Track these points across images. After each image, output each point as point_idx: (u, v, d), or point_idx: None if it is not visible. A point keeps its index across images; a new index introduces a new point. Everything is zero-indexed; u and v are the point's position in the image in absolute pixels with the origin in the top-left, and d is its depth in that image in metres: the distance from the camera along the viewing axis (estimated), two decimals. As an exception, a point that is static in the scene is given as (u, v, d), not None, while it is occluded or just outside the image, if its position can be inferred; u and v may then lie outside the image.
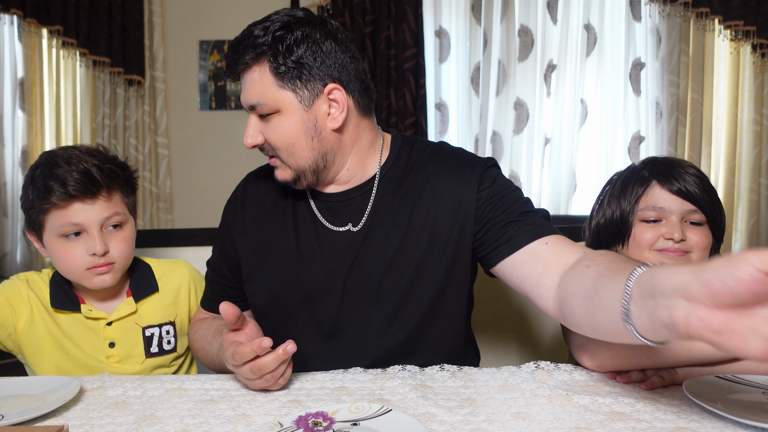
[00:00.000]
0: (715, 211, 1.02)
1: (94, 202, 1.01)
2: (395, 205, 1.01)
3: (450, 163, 1.03)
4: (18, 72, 3.15)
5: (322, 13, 3.16)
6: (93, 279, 1.03)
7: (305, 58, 0.94)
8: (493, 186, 1.01)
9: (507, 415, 0.74)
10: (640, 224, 1.05)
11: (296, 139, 0.96)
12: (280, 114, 0.95)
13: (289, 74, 0.94)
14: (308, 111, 0.96)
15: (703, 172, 1.06)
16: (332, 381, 0.88)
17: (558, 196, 3.14)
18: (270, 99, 0.94)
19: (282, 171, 1.00)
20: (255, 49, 0.93)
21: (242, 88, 0.98)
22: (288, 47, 0.93)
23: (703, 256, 1.02)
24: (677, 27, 2.99)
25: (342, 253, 1.01)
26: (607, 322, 0.68)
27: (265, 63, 0.94)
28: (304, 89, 0.95)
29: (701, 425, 0.70)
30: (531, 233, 0.95)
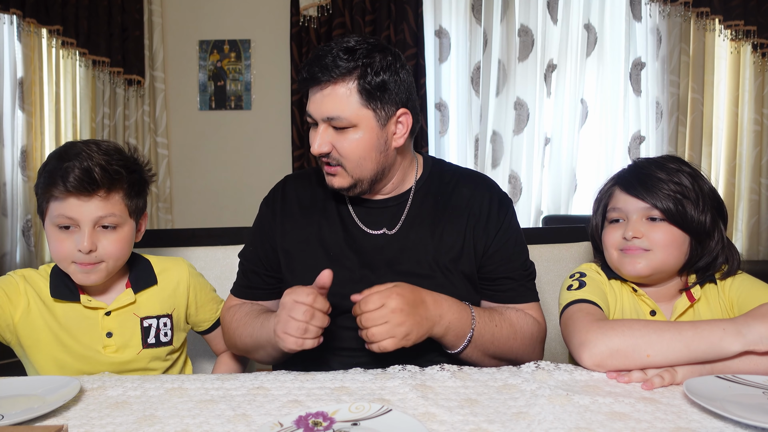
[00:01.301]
0: (681, 209, 1.00)
1: (90, 200, 1.02)
2: (430, 216, 1.13)
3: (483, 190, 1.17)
4: (18, 72, 3.14)
5: (322, 13, 3.16)
6: (78, 274, 1.05)
7: (389, 83, 1.05)
8: (507, 233, 1.15)
9: (507, 415, 0.74)
10: (607, 226, 1.09)
11: (368, 153, 1.06)
12: (356, 129, 1.04)
13: (374, 95, 1.04)
14: (382, 130, 1.07)
15: (691, 170, 1.04)
16: (332, 381, 0.88)
17: (558, 196, 3.14)
18: (352, 115, 1.03)
19: (341, 179, 1.08)
20: (347, 64, 1.02)
21: (316, 99, 1.05)
22: (376, 71, 1.04)
23: (668, 253, 1.02)
24: (677, 27, 2.99)
25: (377, 254, 1.11)
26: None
27: (354, 81, 1.03)
28: (382, 110, 1.06)
29: (701, 425, 0.70)
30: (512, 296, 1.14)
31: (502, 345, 1.05)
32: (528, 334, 1.08)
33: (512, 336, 1.06)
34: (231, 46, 3.28)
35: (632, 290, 1.08)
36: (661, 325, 0.87)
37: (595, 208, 1.14)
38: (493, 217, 1.14)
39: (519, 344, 1.07)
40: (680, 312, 1.04)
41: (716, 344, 0.83)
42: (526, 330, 1.08)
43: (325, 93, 1.04)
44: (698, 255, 1.04)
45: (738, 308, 1.01)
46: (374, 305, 0.91)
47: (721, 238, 1.04)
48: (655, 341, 0.85)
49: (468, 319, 1.01)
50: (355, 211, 1.16)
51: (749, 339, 0.83)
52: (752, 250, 3.02)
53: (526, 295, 1.14)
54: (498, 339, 1.04)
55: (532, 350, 1.10)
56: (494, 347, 1.05)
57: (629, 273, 1.04)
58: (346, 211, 1.16)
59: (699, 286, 1.06)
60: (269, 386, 0.86)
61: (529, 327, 1.09)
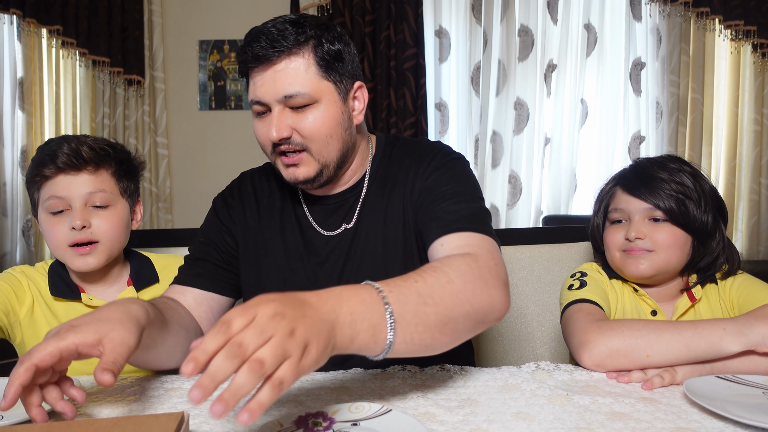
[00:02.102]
0: (683, 209, 1.01)
1: (78, 175, 1.04)
2: (381, 202, 1.05)
3: (418, 154, 1.05)
4: (18, 72, 3.15)
5: (322, 13, 3.16)
6: (75, 260, 1.04)
7: (344, 53, 0.98)
8: (432, 176, 1.01)
9: (507, 415, 0.74)
10: (609, 227, 1.09)
11: (334, 130, 0.97)
12: (319, 105, 0.95)
13: (332, 65, 0.95)
14: (345, 104, 0.99)
15: (692, 170, 1.04)
16: (332, 381, 0.88)
17: (558, 196, 3.14)
18: (313, 88, 0.93)
19: (306, 168, 0.98)
20: (298, 36, 0.92)
21: (266, 79, 0.93)
22: (330, 40, 0.95)
23: (670, 254, 1.02)
24: (677, 27, 2.99)
25: (336, 254, 1.04)
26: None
27: (310, 52, 0.94)
28: (341, 83, 0.97)
29: (701, 425, 0.69)
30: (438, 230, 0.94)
31: (440, 299, 0.74)
32: (465, 270, 0.79)
33: (445, 281, 0.76)
34: (231, 46, 3.28)
35: (633, 290, 1.08)
36: (660, 325, 0.87)
37: (597, 208, 1.14)
38: (421, 171, 1.02)
39: (462, 287, 0.76)
40: (681, 312, 1.04)
41: (716, 344, 0.83)
42: (460, 268, 0.79)
43: (278, 69, 0.92)
44: (700, 255, 1.04)
45: (738, 308, 1.01)
46: (241, 322, 0.57)
47: (722, 238, 1.05)
48: (654, 341, 0.85)
49: (372, 293, 0.69)
50: (311, 212, 1.08)
51: (750, 339, 0.83)
52: (752, 250, 3.02)
53: (452, 225, 0.92)
54: (431, 294, 0.73)
55: (485, 285, 0.79)
56: (433, 308, 0.73)
57: (632, 274, 1.04)
58: (302, 213, 1.08)
59: (700, 286, 1.06)
60: (269, 386, 0.86)
61: (463, 262, 0.81)
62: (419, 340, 0.71)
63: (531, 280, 1.48)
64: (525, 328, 1.46)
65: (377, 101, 3.12)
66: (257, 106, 0.96)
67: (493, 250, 0.89)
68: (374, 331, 0.67)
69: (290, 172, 0.99)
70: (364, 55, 3.13)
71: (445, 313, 0.74)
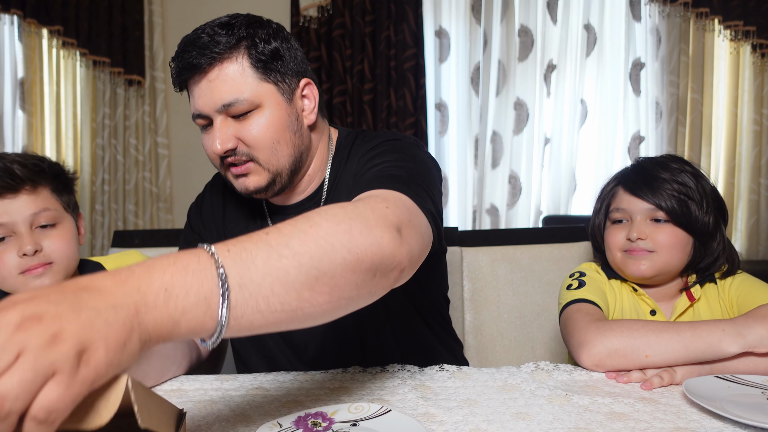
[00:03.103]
0: (685, 210, 1.01)
1: (17, 197, 0.96)
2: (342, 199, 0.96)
3: (367, 149, 0.96)
4: (18, 72, 3.15)
5: (322, 13, 3.16)
6: (30, 284, 0.97)
7: (282, 50, 0.92)
8: (365, 158, 0.92)
9: (506, 416, 0.74)
10: (610, 227, 1.08)
11: (282, 135, 0.91)
12: (261, 110, 0.89)
13: (270, 66, 0.90)
14: (290, 105, 0.93)
15: (693, 170, 1.04)
16: (332, 381, 0.88)
17: (558, 196, 3.14)
18: (252, 93, 0.88)
19: (256, 177, 0.92)
20: (229, 39, 0.87)
21: (202, 90, 0.89)
22: (265, 39, 0.90)
23: (672, 255, 1.02)
24: (677, 27, 2.99)
25: None
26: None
27: (243, 55, 0.88)
28: (283, 82, 0.92)
29: (701, 425, 0.70)
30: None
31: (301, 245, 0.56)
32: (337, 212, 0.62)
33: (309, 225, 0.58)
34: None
35: (632, 290, 1.08)
36: (659, 326, 0.87)
37: (598, 207, 1.14)
38: (366, 155, 0.93)
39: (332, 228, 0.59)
40: (680, 311, 1.04)
41: (715, 345, 0.83)
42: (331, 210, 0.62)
43: (211, 78, 0.87)
44: (701, 256, 1.04)
45: (738, 308, 1.01)
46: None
47: (723, 238, 1.05)
48: (653, 342, 0.85)
49: (201, 256, 0.52)
50: (273, 223, 1.03)
51: (749, 340, 0.83)
52: (752, 250, 3.02)
53: (368, 184, 0.78)
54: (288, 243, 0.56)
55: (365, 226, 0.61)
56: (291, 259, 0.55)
57: (633, 274, 1.04)
58: (266, 225, 1.03)
59: (699, 285, 1.06)
60: (268, 387, 0.86)
61: (336, 206, 0.64)
62: (279, 304, 0.54)
63: (531, 280, 1.48)
64: (525, 328, 1.47)
65: (377, 101, 3.13)
66: (199, 119, 0.91)
67: (396, 200, 0.72)
68: (207, 305, 0.50)
69: (240, 183, 0.94)
70: (364, 55, 3.13)
71: (312, 263, 0.56)
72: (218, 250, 0.52)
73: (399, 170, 0.82)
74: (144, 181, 3.30)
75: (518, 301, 1.47)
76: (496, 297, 1.46)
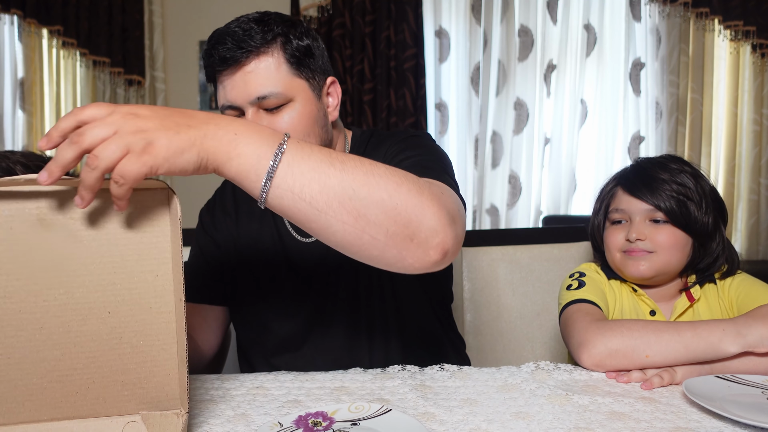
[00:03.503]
0: (684, 210, 1.01)
1: None
2: None
3: (386, 145, 1.01)
4: (18, 72, 3.15)
5: (322, 13, 3.16)
6: None
7: (313, 48, 0.95)
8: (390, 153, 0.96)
9: (507, 415, 0.74)
10: (610, 227, 1.08)
11: (311, 129, 0.94)
12: (293, 104, 0.92)
13: (302, 62, 0.92)
14: (319, 101, 0.96)
15: (692, 170, 1.04)
16: (332, 381, 0.88)
17: (558, 196, 3.14)
18: (286, 87, 0.90)
19: None
20: (265, 35, 0.89)
21: (236, 82, 0.90)
22: (298, 36, 0.93)
23: (671, 255, 1.02)
24: (677, 27, 2.99)
25: (313, 260, 1.03)
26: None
27: (279, 50, 0.91)
28: (314, 79, 0.94)
29: (701, 425, 0.70)
30: None
31: (352, 168, 0.63)
32: (398, 172, 0.67)
33: (369, 163, 0.65)
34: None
35: (632, 290, 1.08)
36: (660, 326, 0.87)
37: (597, 208, 1.14)
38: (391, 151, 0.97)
39: (385, 175, 0.65)
40: (680, 312, 1.04)
41: (715, 345, 0.84)
42: (392, 169, 0.67)
43: (248, 71, 0.89)
44: (700, 256, 1.04)
45: (738, 308, 1.01)
46: (94, 112, 0.56)
47: (722, 239, 1.05)
48: (653, 342, 0.85)
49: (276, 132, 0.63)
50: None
51: (749, 340, 0.83)
52: (752, 250, 3.02)
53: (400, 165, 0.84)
54: (342, 162, 0.64)
55: (417, 191, 0.66)
56: (339, 171, 0.63)
57: (632, 275, 1.04)
58: (281, 220, 1.07)
59: (699, 286, 1.06)
60: (269, 386, 0.86)
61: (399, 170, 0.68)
62: (310, 197, 0.61)
63: (531, 280, 1.48)
64: (525, 328, 1.47)
65: (377, 101, 3.13)
66: (229, 110, 0.92)
67: (444, 190, 0.76)
68: (258, 159, 0.60)
69: None
70: (364, 55, 3.13)
71: (352, 185, 0.62)
72: (291, 137, 0.63)
73: (433, 163, 0.88)
74: (144, 181, 3.30)
75: (518, 301, 1.47)
76: (496, 297, 1.46)
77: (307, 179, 0.61)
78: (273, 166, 0.60)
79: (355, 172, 0.63)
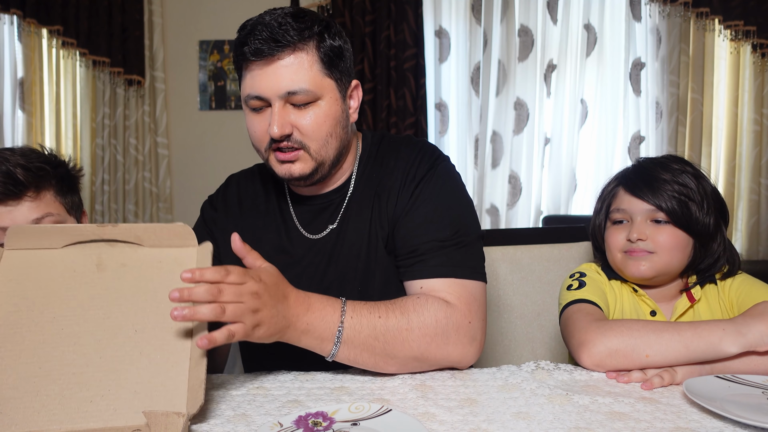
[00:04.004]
0: (685, 211, 1.00)
1: (19, 204, 0.95)
2: (367, 204, 1.02)
3: (404, 160, 1.02)
4: (18, 72, 3.15)
5: (322, 13, 3.16)
6: None
7: (344, 50, 0.97)
8: (418, 199, 0.98)
9: (507, 415, 0.74)
10: (611, 227, 1.08)
11: (334, 128, 0.95)
12: (320, 102, 0.93)
13: (334, 62, 0.94)
14: (344, 102, 0.98)
15: (694, 170, 1.04)
16: (332, 381, 0.88)
17: (558, 196, 3.14)
18: (317, 85, 0.91)
19: (302, 164, 0.95)
20: (303, 31, 0.90)
21: (269, 74, 0.90)
22: (333, 36, 0.94)
23: (672, 256, 1.01)
24: (677, 27, 2.99)
25: (320, 256, 1.03)
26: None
27: (314, 47, 0.91)
28: (341, 80, 0.96)
29: (701, 425, 0.70)
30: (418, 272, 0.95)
31: (392, 340, 0.85)
32: (430, 324, 0.87)
33: (405, 327, 0.86)
34: (231, 46, 3.28)
35: (632, 290, 1.08)
36: (660, 326, 0.87)
37: (598, 207, 1.13)
38: (408, 182, 0.99)
39: (418, 338, 0.86)
40: (680, 312, 1.04)
41: (715, 345, 0.83)
42: (426, 320, 0.87)
43: (283, 64, 0.90)
44: (701, 257, 1.04)
45: (738, 308, 1.01)
46: (235, 278, 0.74)
47: (723, 239, 1.04)
48: (654, 342, 0.85)
49: (335, 316, 0.84)
50: (297, 213, 1.06)
51: (749, 339, 0.83)
52: (752, 250, 3.02)
53: (434, 269, 0.93)
54: (384, 334, 0.85)
55: (443, 342, 0.87)
56: (381, 344, 0.85)
57: (633, 275, 1.04)
58: (289, 215, 1.07)
59: (699, 286, 1.06)
60: (269, 386, 0.86)
61: (432, 315, 0.87)
62: (362, 361, 0.87)
63: (531, 280, 1.48)
64: (525, 328, 1.47)
65: (377, 101, 3.13)
66: (255, 101, 0.93)
67: (472, 302, 0.92)
68: (321, 342, 0.84)
69: (285, 168, 0.96)
70: (364, 55, 3.13)
71: (392, 352, 0.86)
72: (348, 311, 0.85)
73: (461, 240, 0.95)
74: (144, 181, 3.30)
75: (518, 301, 1.47)
76: (496, 297, 1.46)
77: (358, 351, 0.85)
78: (333, 349, 0.84)
79: (393, 342, 0.86)
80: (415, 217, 0.97)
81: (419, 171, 1.00)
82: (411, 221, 0.97)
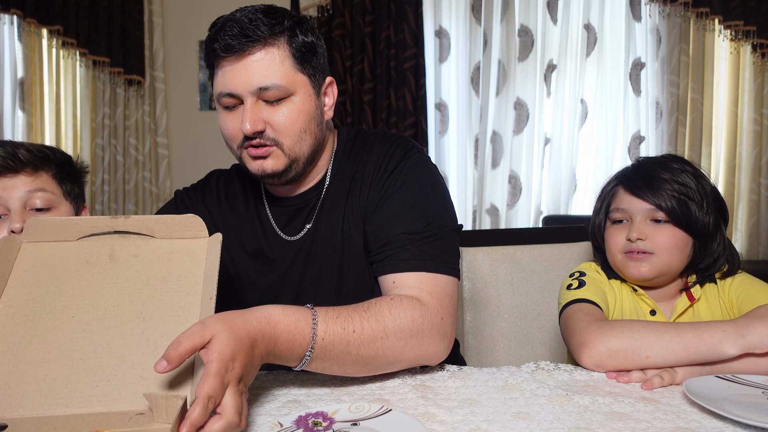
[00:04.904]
0: (685, 210, 1.00)
1: (16, 176, 1.00)
2: (341, 202, 1.01)
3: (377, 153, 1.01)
4: (18, 72, 3.15)
5: (322, 13, 3.16)
6: None
7: (317, 46, 0.96)
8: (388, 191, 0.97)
9: (507, 415, 0.74)
10: (610, 227, 1.08)
11: (308, 125, 0.94)
12: (293, 98, 0.92)
13: (306, 58, 0.93)
14: (318, 98, 0.97)
15: (693, 170, 1.04)
16: (332, 381, 0.88)
17: (558, 196, 3.14)
18: (289, 81, 0.91)
19: (274, 161, 0.94)
20: (273, 27, 0.90)
21: (239, 70, 0.90)
22: (304, 31, 0.94)
23: (672, 256, 1.01)
24: (677, 27, 2.99)
25: (298, 257, 1.03)
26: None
27: (285, 43, 0.91)
28: (314, 76, 0.95)
29: (701, 425, 0.70)
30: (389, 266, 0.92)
31: (366, 351, 0.81)
32: (406, 326, 0.83)
33: (381, 335, 0.81)
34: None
35: (632, 290, 1.08)
36: (660, 327, 0.87)
37: (598, 207, 1.13)
38: (379, 174, 0.98)
39: (393, 343, 0.82)
40: (680, 312, 1.04)
41: (716, 346, 0.83)
42: (402, 323, 0.83)
43: (253, 60, 0.89)
44: (701, 257, 1.04)
45: (738, 308, 1.01)
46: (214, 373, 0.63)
47: (723, 239, 1.04)
48: (654, 342, 0.85)
49: (306, 330, 0.77)
50: (274, 214, 1.05)
51: (749, 341, 0.83)
52: (752, 250, 3.02)
53: (405, 263, 0.90)
54: (358, 347, 0.80)
55: (418, 343, 0.84)
56: (353, 356, 0.80)
57: (633, 276, 1.04)
58: (265, 216, 1.06)
59: (699, 286, 1.06)
60: (269, 386, 0.86)
61: (408, 316, 0.84)
62: (332, 371, 0.83)
63: (531, 280, 1.48)
64: (525, 328, 1.47)
65: (377, 101, 3.13)
66: (227, 98, 0.92)
67: (443, 297, 0.89)
68: (296, 358, 0.78)
69: (257, 165, 0.95)
70: (364, 55, 3.13)
71: (366, 359, 0.82)
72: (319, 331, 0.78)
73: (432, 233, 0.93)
74: (144, 181, 3.30)
75: (518, 301, 1.47)
76: (496, 297, 1.46)
77: (328, 363, 0.80)
78: (302, 364, 0.78)
79: (367, 352, 0.81)
80: (385, 210, 0.95)
81: (390, 163, 0.98)
82: (382, 214, 0.95)
